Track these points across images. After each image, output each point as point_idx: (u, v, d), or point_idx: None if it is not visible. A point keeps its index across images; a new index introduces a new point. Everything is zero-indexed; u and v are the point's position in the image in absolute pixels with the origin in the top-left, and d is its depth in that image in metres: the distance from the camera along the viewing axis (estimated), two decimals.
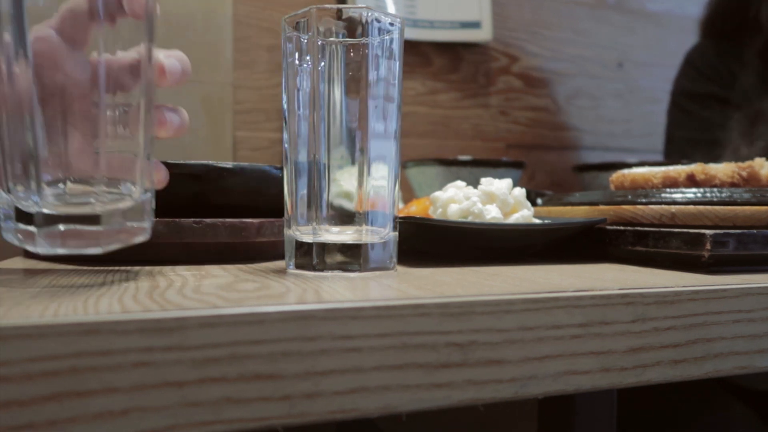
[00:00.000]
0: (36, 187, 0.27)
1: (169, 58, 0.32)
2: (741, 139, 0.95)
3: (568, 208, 0.50)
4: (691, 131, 0.98)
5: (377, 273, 0.32)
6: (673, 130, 1.01)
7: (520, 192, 0.44)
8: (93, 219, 0.27)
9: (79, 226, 0.27)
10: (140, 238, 0.30)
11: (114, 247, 0.28)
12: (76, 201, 0.28)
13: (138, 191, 0.29)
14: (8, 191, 0.27)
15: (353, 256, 0.32)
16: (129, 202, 0.29)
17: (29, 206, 0.27)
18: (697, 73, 1.01)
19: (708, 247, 0.35)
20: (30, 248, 0.27)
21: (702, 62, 1.01)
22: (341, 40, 0.32)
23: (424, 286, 0.28)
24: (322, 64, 0.31)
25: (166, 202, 0.41)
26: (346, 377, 0.22)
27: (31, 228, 0.27)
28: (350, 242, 0.32)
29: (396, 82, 0.33)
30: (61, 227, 0.27)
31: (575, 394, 0.36)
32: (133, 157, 0.29)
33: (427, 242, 0.43)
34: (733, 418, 0.67)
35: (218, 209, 0.41)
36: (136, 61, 0.29)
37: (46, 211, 0.27)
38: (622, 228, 0.41)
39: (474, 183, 0.46)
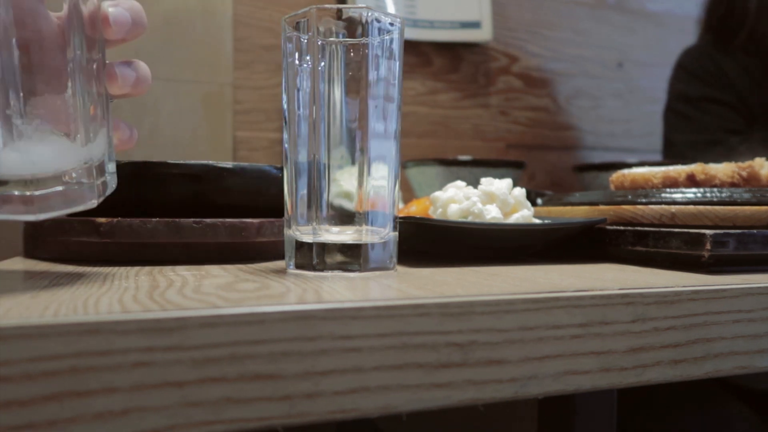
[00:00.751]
0: None
1: (116, 7, 0.30)
2: (739, 137, 0.95)
3: (568, 208, 0.50)
4: (690, 134, 0.98)
5: (377, 273, 0.32)
6: (673, 134, 1.02)
7: (520, 192, 0.44)
8: (26, 183, 0.26)
9: (10, 191, 0.25)
10: (85, 205, 0.28)
11: (53, 213, 0.27)
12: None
13: (83, 155, 0.27)
14: None
15: (353, 256, 0.32)
16: (68, 167, 0.27)
17: None
18: (691, 75, 1.01)
19: (708, 247, 0.35)
20: None
21: (695, 65, 1.01)
22: (341, 40, 0.32)
23: (424, 286, 0.28)
24: (322, 64, 0.31)
25: (166, 202, 0.41)
26: (346, 377, 0.22)
27: None
28: (350, 242, 0.32)
29: (396, 82, 0.33)
30: None
31: (575, 394, 0.36)
32: (70, 116, 0.27)
33: (427, 242, 0.43)
34: (733, 417, 0.67)
35: (218, 209, 0.41)
36: (87, 13, 0.27)
37: None
38: (622, 228, 0.41)
39: (474, 183, 0.46)
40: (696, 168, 0.46)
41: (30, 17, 0.27)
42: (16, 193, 0.26)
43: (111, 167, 0.30)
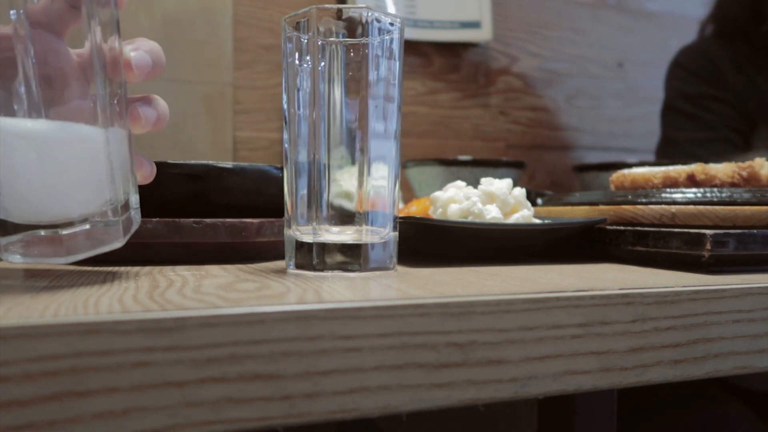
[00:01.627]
0: None
1: (137, 50, 0.30)
2: (741, 137, 0.95)
3: (568, 208, 0.50)
4: (693, 132, 0.98)
5: (377, 273, 0.32)
6: (674, 132, 1.01)
7: (520, 192, 0.44)
8: (53, 226, 0.26)
9: (37, 232, 0.26)
10: (112, 245, 0.28)
11: (82, 255, 0.27)
12: None
13: (108, 194, 0.27)
14: None
15: (353, 256, 0.32)
16: (95, 207, 0.27)
17: None
18: (689, 73, 1.01)
19: (708, 247, 0.35)
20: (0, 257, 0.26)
21: (693, 64, 1.01)
22: (341, 40, 0.32)
23: (424, 286, 0.28)
24: (322, 64, 0.31)
25: (166, 202, 0.41)
26: (346, 377, 0.22)
27: None
28: (350, 242, 0.32)
29: (396, 82, 0.33)
30: (22, 236, 0.25)
31: (575, 394, 0.36)
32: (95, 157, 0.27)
33: (427, 242, 0.43)
34: (733, 418, 0.67)
35: (218, 209, 0.41)
36: (109, 55, 0.27)
37: (2, 217, 0.25)
38: (622, 228, 0.41)
39: (474, 183, 0.46)
40: (696, 168, 0.46)
41: (52, 55, 0.28)
42: (42, 233, 0.26)
43: (135, 202, 0.30)
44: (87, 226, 0.27)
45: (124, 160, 0.29)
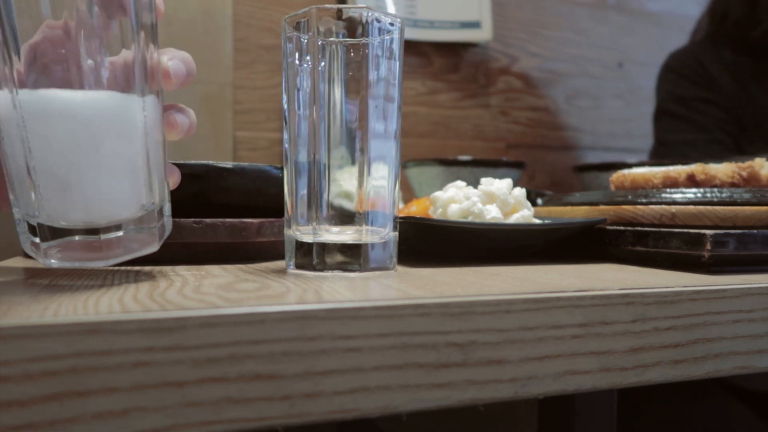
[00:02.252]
0: (36, 198, 0.26)
1: (173, 60, 0.31)
2: (734, 135, 0.95)
3: (568, 208, 0.50)
4: (687, 134, 0.98)
5: (377, 273, 0.32)
6: (666, 135, 1.01)
7: (520, 192, 0.44)
8: (94, 230, 0.27)
9: (79, 238, 0.26)
10: (148, 249, 0.29)
11: (119, 258, 0.28)
12: None
13: (145, 199, 0.28)
14: (17, 202, 0.27)
15: (353, 256, 0.32)
16: (134, 212, 0.28)
17: (32, 218, 0.26)
18: (680, 77, 1.01)
19: (708, 247, 0.35)
20: (40, 260, 0.27)
21: (684, 68, 1.01)
22: (341, 40, 0.32)
23: (424, 286, 0.28)
24: (322, 64, 0.31)
25: None
26: (347, 377, 0.22)
27: (36, 239, 0.27)
28: (350, 242, 0.32)
29: (396, 82, 0.33)
30: (63, 240, 0.26)
31: (575, 394, 0.36)
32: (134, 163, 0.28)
33: (427, 242, 0.43)
34: (733, 418, 0.67)
35: (218, 209, 0.41)
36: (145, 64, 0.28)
37: (44, 222, 0.26)
38: (622, 228, 0.41)
39: (474, 183, 0.46)
40: (696, 168, 0.46)
41: None
42: (77, 238, 0.26)
43: (167, 209, 0.30)
44: (122, 232, 0.27)
45: (159, 166, 0.29)
